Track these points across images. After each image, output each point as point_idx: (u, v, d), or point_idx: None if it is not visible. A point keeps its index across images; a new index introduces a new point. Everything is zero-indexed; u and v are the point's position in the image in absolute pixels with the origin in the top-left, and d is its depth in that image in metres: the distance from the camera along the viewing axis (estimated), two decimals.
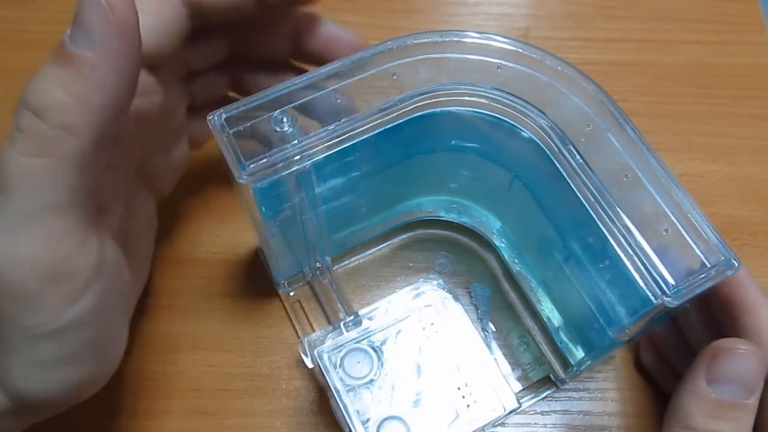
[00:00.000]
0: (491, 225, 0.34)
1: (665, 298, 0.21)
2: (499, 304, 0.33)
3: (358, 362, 0.27)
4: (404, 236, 0.35)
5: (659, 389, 0.31)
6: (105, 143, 0.20)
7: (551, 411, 0.31)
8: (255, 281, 0.33)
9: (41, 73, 0.19)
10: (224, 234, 0.35)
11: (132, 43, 0.19)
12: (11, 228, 0.19)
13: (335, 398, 0.26)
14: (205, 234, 0.35)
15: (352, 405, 0.26)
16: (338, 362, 0.27)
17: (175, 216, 0.35)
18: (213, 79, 0.30)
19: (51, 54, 0.19)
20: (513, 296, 0.33)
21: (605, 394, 0.31)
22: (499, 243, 0.34)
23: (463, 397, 0.26)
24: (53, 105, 0.18)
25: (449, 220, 0.35)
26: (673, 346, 0.29)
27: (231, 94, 0.32)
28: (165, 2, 0.24)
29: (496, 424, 0.27)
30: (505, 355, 0.31)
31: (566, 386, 0.31)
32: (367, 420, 0.26)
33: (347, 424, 0.26)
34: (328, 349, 0.27)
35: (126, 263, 0.24)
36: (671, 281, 0.22)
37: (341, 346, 0.27)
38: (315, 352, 0.27)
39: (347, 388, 0.26)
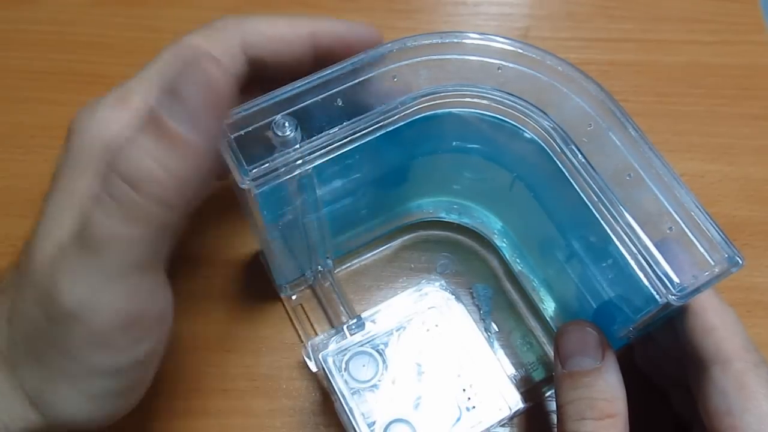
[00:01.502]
0: (492, 225, 0.34)
1: (670, 296, 0.21)
2: (501, 304, 0.33)
3: (363, 365, 0.27)
4: (405, 237, 0.35)
5: (659, 389, 0.31)
6: (190, 211, 0.21)
7: (551, 411, 0.31)
8: (255, 282, 0.33)
9: (135, 142, 0.19)
10: (225, 234, 0.35)
11: (225, 117, 0.20)
12: (99, 283, 0.20)
13: (340, 401, 0.26)
14: (206, 234, 0.35)
15: (358, 408, 0.26)
16: (343, 366, 0.27)
17: None
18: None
19: (147, 122, 0.19)
20: (515, 296, 0.33)
21: None
22: (501, 243, 0.34)
23: (469, 398, 0.26)
24: (147, 178, 0.19)
25: (450, 221, 0.35)
26: (655, 344, 0.29)
27: None
28: (231, 59, 0.24)
29: (501, 424, 0.27)
30: (507, 355, 0.31)
31: None
32: (373, 423, 0.26)
33: (353, 427, 0.26)
34: (332, 353, 0.27)
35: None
36: (676, 279, 0.22)
37: (346, 349, 0.27)
38: (320, 356, 0.27)
39: (352, 391, 0.26)
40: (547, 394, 0.31)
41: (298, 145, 0.23)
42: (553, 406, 0.31)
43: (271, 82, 0.27)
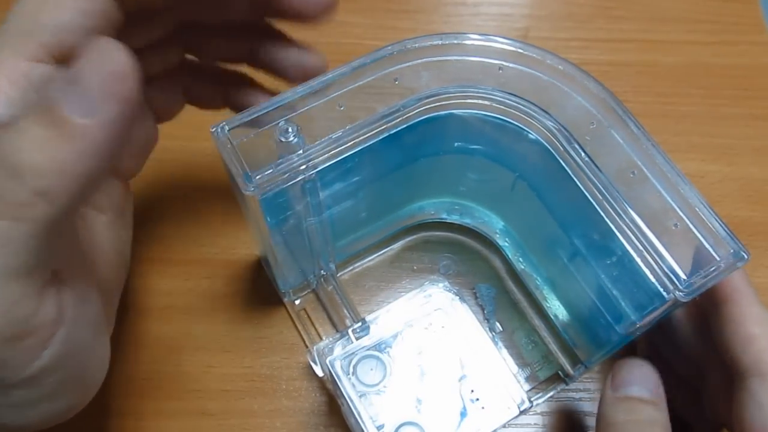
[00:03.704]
0: (494, 225, 0.34)
1: (677, 292, 0.22)
2: (505, 303, 0.33)
3: (371, 369, 0.27)
4: (407, 239, 0.35)
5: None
6: (78, 206, 0.18)
7: (551, 411, 0.31)
8: (256, 282, 0.33)
9: (21, 129, 0.17)
10: (226, 235, 0.35)
11: (131, 112, 0.18)
12: None
13: (349, 406, 0.26)
14: (207, 235, 0.35)
15: (366, 411, 0.26)
16: (351, 370, 0.27)
17: (176, 216, 0.35)
18: (164, 48, 0.27)
19: (36, 109, 0.17)
20: (518, 295, 0.33)
21: None
22: (503, 242, 0.34)
23: (477, 399, 0.26)
24: (31, 168, 0.17)
25: (452, 221, 0.35)
26: (662, 342, 0.29)
27: (189, 57, 0.29)
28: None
29: (508, 424, 0.27)
30: (512, 354, 0.32)
31: (566, 387, 0.31)
32: (382, 426, 0.26)
33: (362, 431, 0.26)
34: (339, 357, 0.27)
35: (95, 270, 0.23)
36: (682, 275, 0.22)
37: (352, 353, 0.27)
38: (327, 361, 0.27)
39: (359, 395, 0.26)
40: (553, 392, 0.31)
41: (301, 150, 0.23)
42: (551, 406, 0.31)
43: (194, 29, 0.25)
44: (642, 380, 0.25)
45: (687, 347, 0.28)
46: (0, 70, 0.19)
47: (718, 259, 0.22)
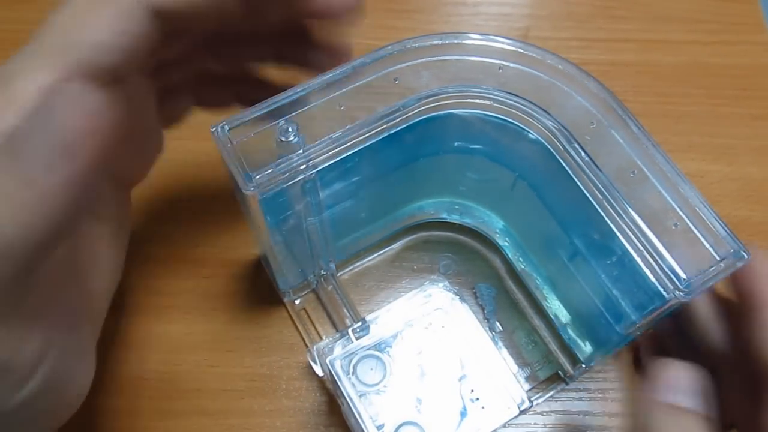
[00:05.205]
0: (494, 225, 0.34)
1: (677, 292, 0.22)
2: (505, 303, 0.33)
3: (371, 369, 0.27)
4: (407, 239, 0.35)
5: None
6: (50, 246, 0.18)
7: (551, 411, 0.31)
8: (256, 282, 0.33)
9: None
10: (226, 235, 0.35)
11: (91, 163, 0.17)
12: None
13: (349, 405, 0.26)
14: (207, 235, 0.35)
15: (366, 411, 0.26)
16: (351, 369, 0.27)
17: (176, 216, 0.35)
18: (187, 60, 0.27)
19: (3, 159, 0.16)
20: (518, 295, 0.33)
21: (605, 394, 0.31)
22: (503, 242, 0.34)
23: (477, 398, 0.26)
24: None
25: (451, 221, 0.35)
26: (675, 343, 0.29)
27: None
28: (126, 17, 0.20)
29: (508, 424, 0.27)
30: (512, 354, 0.32)
31: (566, 386, 0.31)
32: (382, 425, 0.26)
33: (362, 430, 0.26)
34: (339, 357, 0.27)
35: (89, 283, 0.23)
36: (683, 275, 0.22)
37: (353, 353, 0.27)
38: (327, 361, 0.27)
39: (359, 394, 0.26)
40: (553, 392, 0.31)
41: (301, 150, 0.23)
42: (551, 406, 0.31)
43: (213, 40, 0.24)
44: (694, 388, 0.22)
45: (703, 347, 0.27)
46: (26, 82, 0.19)
47: (718, 258, 0.22)
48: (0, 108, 0.18)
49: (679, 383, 0.22)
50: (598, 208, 0.24)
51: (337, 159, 0.24)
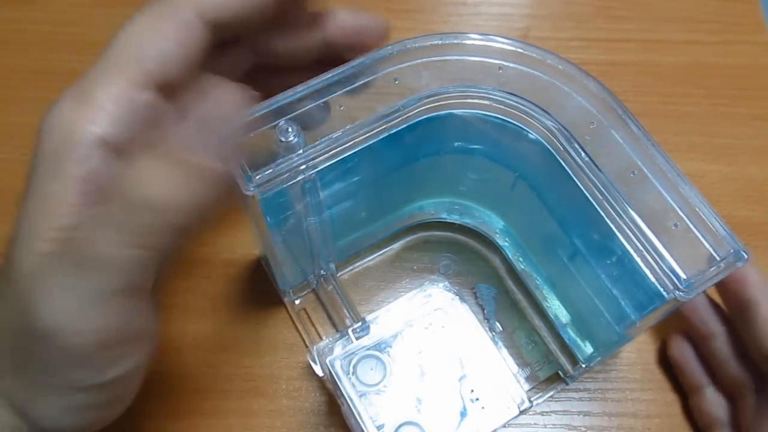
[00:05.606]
0: (494, 225, 0.34)
1: (677, 292, 0.22)
2: (505, 303, 0.33)
3: (371, 369, 0.27)
4: (407, 239, 0.35)
5: (660, 389, 0.31)
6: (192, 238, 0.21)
7: (551, 411, 0.31)
8: (256, 282, 0.33)
9: (144, 166, 0.19)
10: (226, 235, 0.35)
11: (241, 148, 0.20)
12: (82, 304, 0.19)
13: (348, 406, 0.26)
14: (207, 234, 0.35)
15: (366, 411, 0.26)
16: (351, 369, 0.27)
17: None
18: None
19: (164, 147, 0.19)
20: (518, 295, 0.33)
21: (605, 394, 0.31)
22: (503, 242, 0.34)
23: (477, 399, 0.26)
24: (165, 205, 0.18)
25: (451, 221, 0.35)
26: (720, 344, 0.29)
27: None
28: (184, 28, 0.22)
29: (508, 424, 0.27)
30: (512, 354, 0.32)
31: (566, 387, 0.31)
32: (382, 425, 0.26)
33: (362, 430, 0.26)
34: (339, 357, 0.27)
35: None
36: (682, 275, 0.22)
37: (353, 353, 0.27)
38: (327, 361, 0.27)
39: (359, 395, 0.26)
40: (553, 392, 0.31)
41: (301, 150, 0.23)
42: (551, 406, 0.31)
43: (250, 41, 0.25)
44: None
45: (729, 365, 0.28)
46: (105, 92, 0.20)
47: (718, 258, 0.22)
48: (88, 117, 0.20)
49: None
50: (598, 208, 0.24)
51: (337, 159, 0.24)
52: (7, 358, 0.21)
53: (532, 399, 0.27)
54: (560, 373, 0.31)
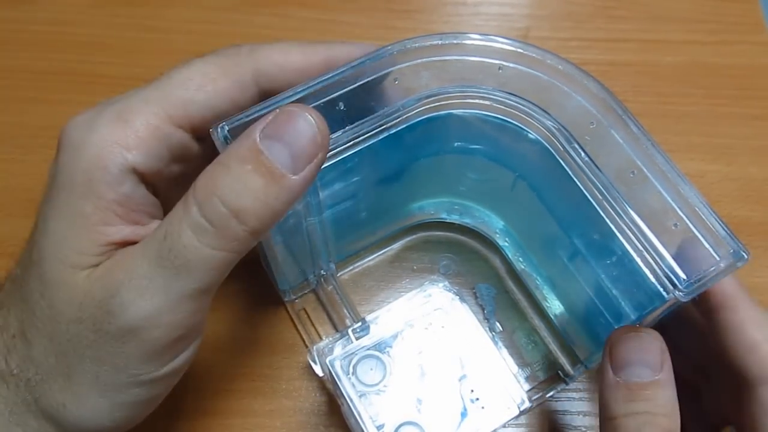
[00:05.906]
0: (494, 225, 0.34)
1: (677, 292, 0.22)
2: (505, 303, 0.33)
3: (371, 369, 0.27)
4: (407, 239, 0.35)
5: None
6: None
7: (551, 411, 0.31)
8: (256, 281, 0.33)
9: (238, 176, 0.20)
10: None
11: (322, 163, 0.21)
12: (169, 301, 0.21)
13: (348, 406, 0.26)
14: None
15: (366, 411, 0.26)
16: (351, 369, 0.27)
17: None
18: None
19: (245, 157, 0.20)
20: (518, 295, 0.33)
21: None
22: (503, 242, 0.34)
23: (477, 399, 0.26)
24: (252, 213, 0.20)
25: (451, 221, 0.35)
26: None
27: None
28: (239, 88, 0.24)
29: (508, 424, 0.27)
30: (512, 354, 0.32)
31: (566, 386, 0.31)
32: (382, 426, 0.26)
33: (362, 431, 0.26)
34: (339, 357, 0.27)
35: None
36: (682, 275, 0.22)
37: (352, 353, 0.27)
38: (327, 361, 0.27)
39: (359, 395, 0.26)
40: (553, 392, 0.31)
41: None
42: (550, 406, 0.31)
43: None
44: (642, 357, 0.22)
45: (692, 350, 0.27)
46: (144, 121, 0.22)
47: (717, 258, 0.22)
48: (122, 142, 0.21)
49: (628, 357, 0.23)
50: (598, 208, 0.24)
51: (337, 159, 0.24)
52: (50, 364, 0.21)
53: (532, 399, 0.27)
54: (560, 373, 0.31)
